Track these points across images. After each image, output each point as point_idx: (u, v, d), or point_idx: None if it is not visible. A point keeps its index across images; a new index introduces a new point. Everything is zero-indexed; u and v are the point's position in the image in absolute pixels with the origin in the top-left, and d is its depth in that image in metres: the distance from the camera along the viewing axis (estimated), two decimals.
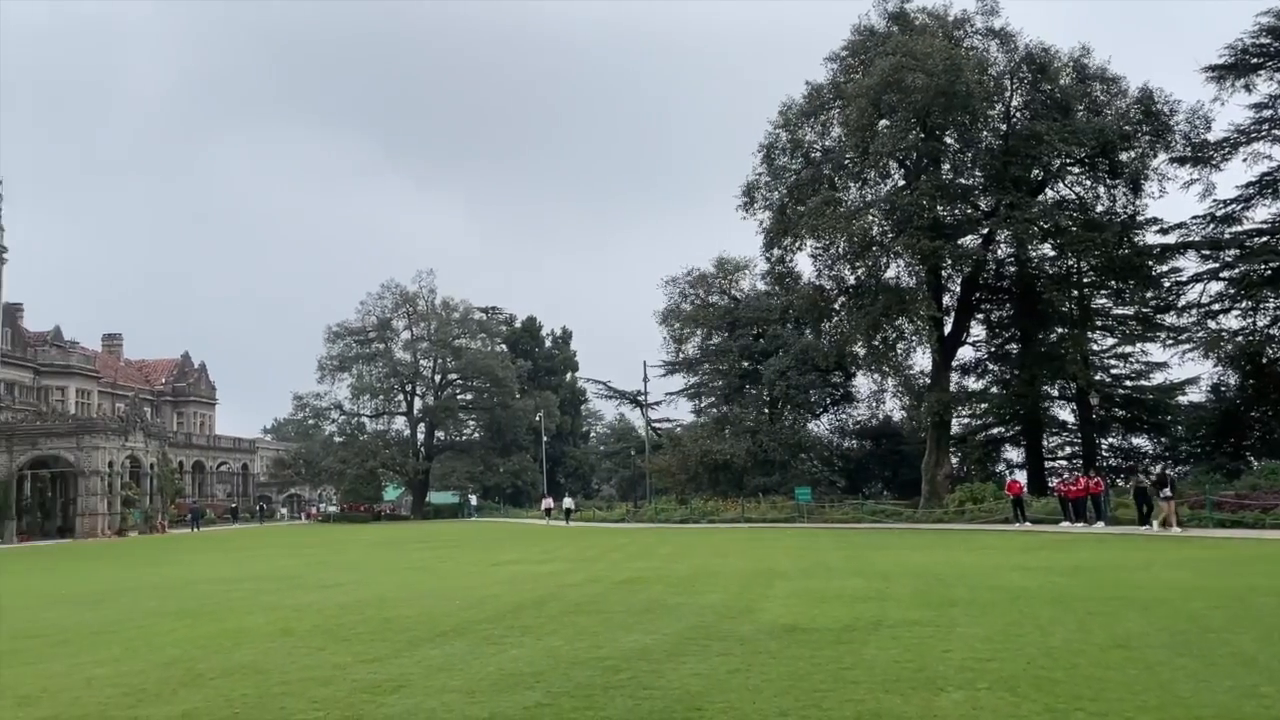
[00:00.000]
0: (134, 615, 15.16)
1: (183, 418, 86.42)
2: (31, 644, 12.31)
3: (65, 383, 68.11)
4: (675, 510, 48.87)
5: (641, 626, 12.15)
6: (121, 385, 79.73)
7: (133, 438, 52.65)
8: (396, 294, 75.81)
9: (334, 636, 12.11)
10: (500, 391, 74.08)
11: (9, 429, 48.70)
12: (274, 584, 20.16)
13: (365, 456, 70.99)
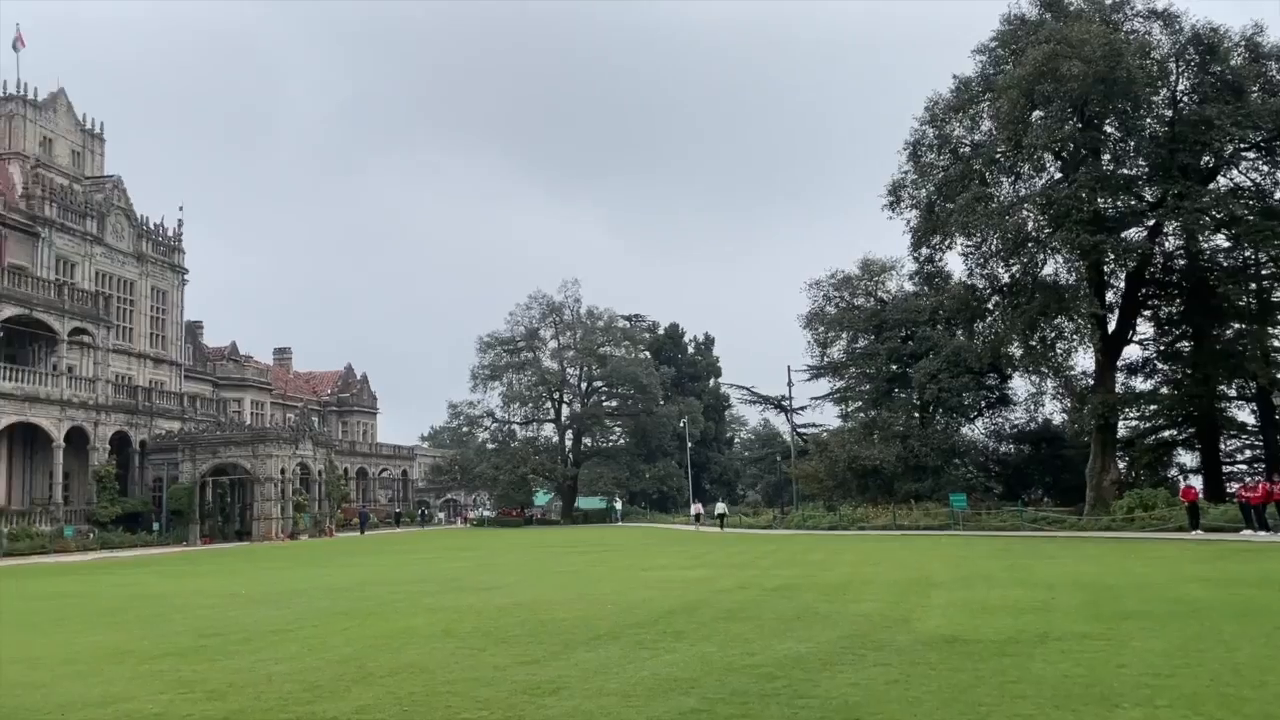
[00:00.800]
0: (308, 615, 16.00)
1: (347, 426, 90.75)
2: (216, 641, 13.14)
3: (241, 395, 72.71)
4: (823, 517, 48.16)
5: (794, 634, 12.04)
6: (291, 396, 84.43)
7: (302, 446, 55.66)
8: (543, 304, 77.67)
9: (493, 638, 12.48)
10: (644, 398, 74.79)
11: (193, 439, 52.28)
12: (435, 586, 20.93)
13: (516, 463, 72.88)
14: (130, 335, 57.02)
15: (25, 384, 44.12)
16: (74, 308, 47.86)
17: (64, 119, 61.75)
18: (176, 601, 19.00)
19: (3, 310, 43.04)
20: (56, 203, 52.13)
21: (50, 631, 14.85)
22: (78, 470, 47.63)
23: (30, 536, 41.23)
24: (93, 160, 63.54)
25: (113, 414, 49.45)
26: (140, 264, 58.44)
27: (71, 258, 52.77)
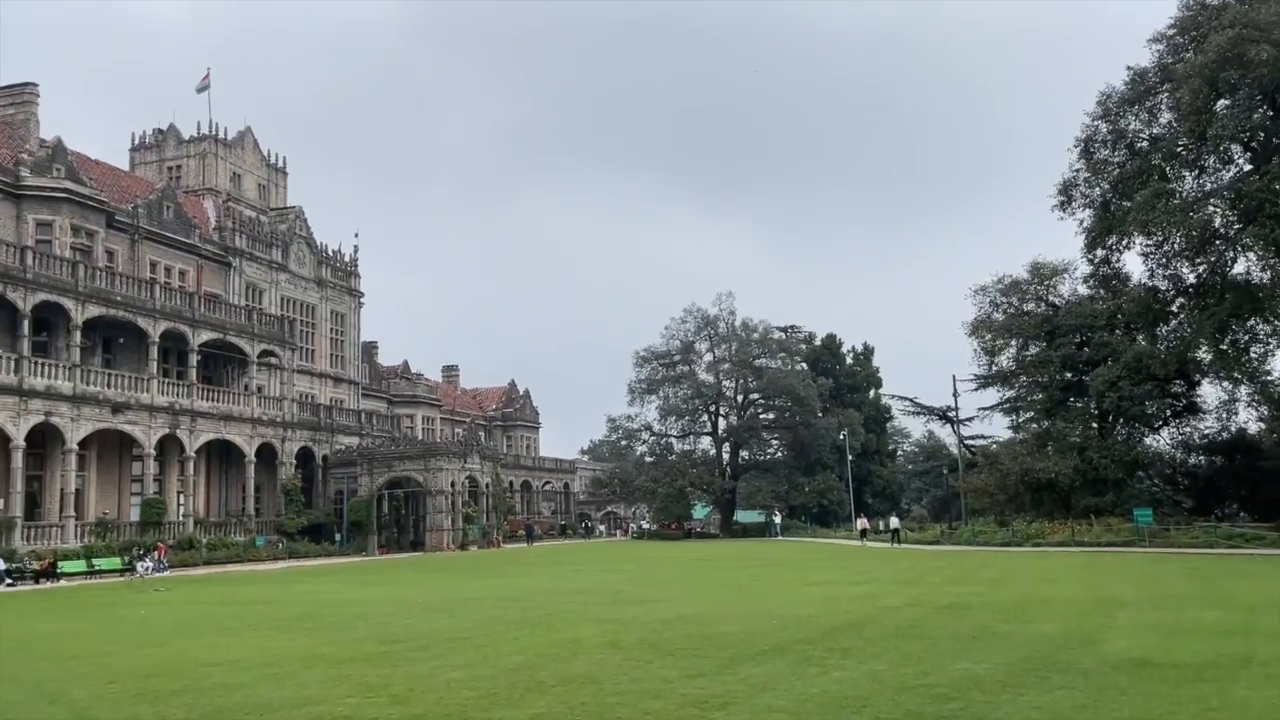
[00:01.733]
0: (481, 623, 16.55)
1: (511, 441, 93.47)
2: (397, 647, 13.74)
3: (413, 411, 76.04)
4: (994, 532, 46.24)
5: (970, 654, 11.61)
6: (459, 412, 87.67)
7: (470, 460, 57.68)
8: (698, 317, 77.87)
9: (659, 650, 12.57)
10: (802, 410, 73.83)
11: (370, 453, 55.00)
12: (599, 597, 21.26)
13: (674, 476, 73.23)
14: (312, 356, 60.54)
15: (221, 403, 47.50)
16: (262, 331, 51.26)
17: (251, 155, 66.36)
18: (359, 609, 19.99)
19: (201, 335, 46.54)
20: (246, 233, 56.01)
21: (248, 635, 15.88)
22: (267, 484, 50.86)
23: (226, 546, 44.31)
24: (276, 192, 68.01)
25: (298, 430, 52.59)
26: (320, 289, 62.05)
27: (259, 284, 56.55)
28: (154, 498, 42.78)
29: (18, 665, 13.02)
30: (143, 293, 43.59)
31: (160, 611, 20.72)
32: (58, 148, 43.52)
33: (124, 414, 41.17)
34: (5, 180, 41.10)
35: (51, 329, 40.27)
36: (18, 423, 36.27)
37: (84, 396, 39.19)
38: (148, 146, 63.92)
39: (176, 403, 44.10)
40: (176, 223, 50.76)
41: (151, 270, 47.96)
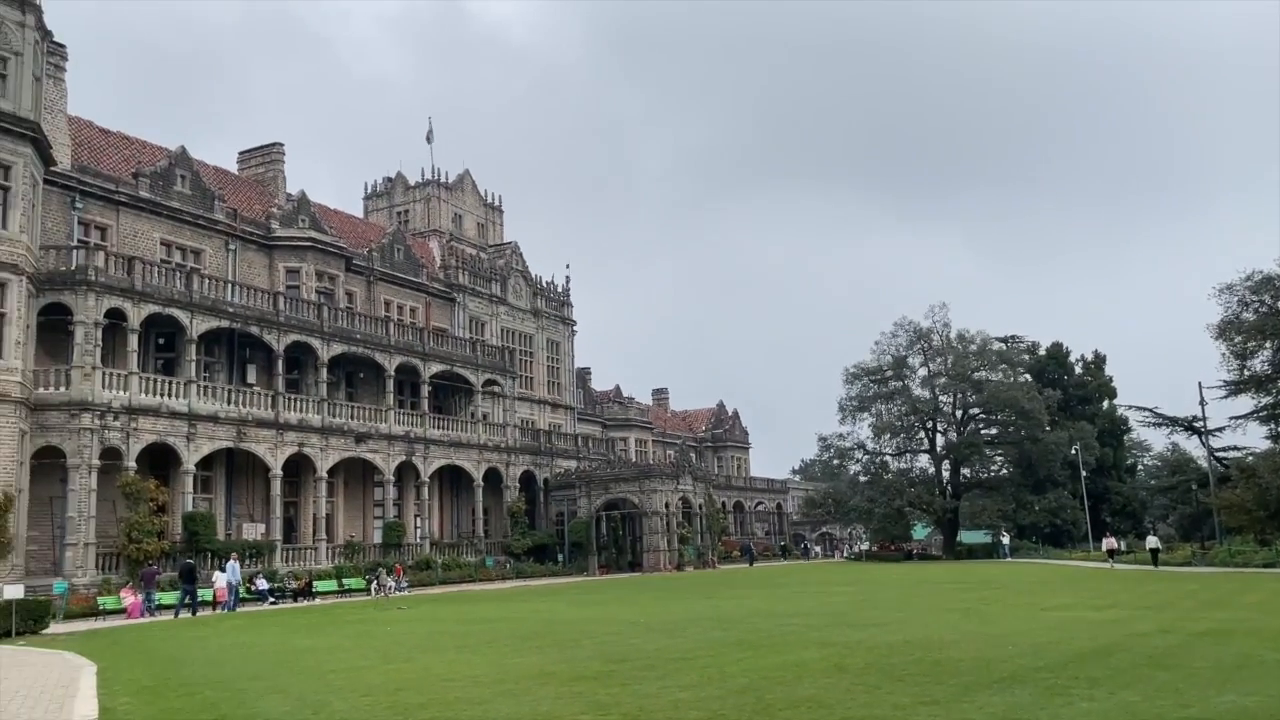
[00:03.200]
0: (704, 644, 16.64)
1: (721, 461, 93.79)
2: (624, 667, 14.02)
3: (626, 434, 77.80)
4: (1255, 552, 42.06)
5: (1235, 685, 10.62)
6: (670, 434, 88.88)
7: (683, 481, 58.34)
8: (910, 331, 75.51)
9: (888, 675, 12.22)
10: (1028, 424, 69.97)
11: (588, 476, 56.67)
12: (821, 619, 20.92)
13: (891, 495, 71.13)
14: (531, 384, 63.16)
15: (450, 431, 50.37)
16: (485, 361, 54.05)
17: (470, 196, 70.33)
18: (584, 628, 20.57)
19: (431, 367, 49.58)
20: (467, 270, 59.29)
21: (484, 652, 16.66)
22: (494, 506, 53.36)
23: (459, 566, 46.83)
24: (493, 230, 71.70)
25: (520, 455, 54.93)
26: (536, 319, 64.76)
27: (481, 317, 59.64)
28: (394, 521, 45.76)
29: (285, 678, 14.22)
30: (379, 330, 46.94)
31: (404, 629, 22.09)
32: (302, 201, 47.66)
33: (366, 443, 44.36)
34: (259, 233, 45.39)
35: (302, 367, 43.99)
36: (276, 454, 39.79)
37: (331, 428, 42.53)
38: (378, 194, 68.99)
39: (411, 431, 47.09)
40: (406, 263, 54.37)
41: (386, 308, 51.56)
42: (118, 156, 41.77)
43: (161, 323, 37.05)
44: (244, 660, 16.86)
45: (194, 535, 35.40)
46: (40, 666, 16.61)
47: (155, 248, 40.26)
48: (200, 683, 13.91)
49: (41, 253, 33.41)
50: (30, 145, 32.16)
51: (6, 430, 30.27)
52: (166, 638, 22.12)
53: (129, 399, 34.35)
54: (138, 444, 34.44)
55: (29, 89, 32.42)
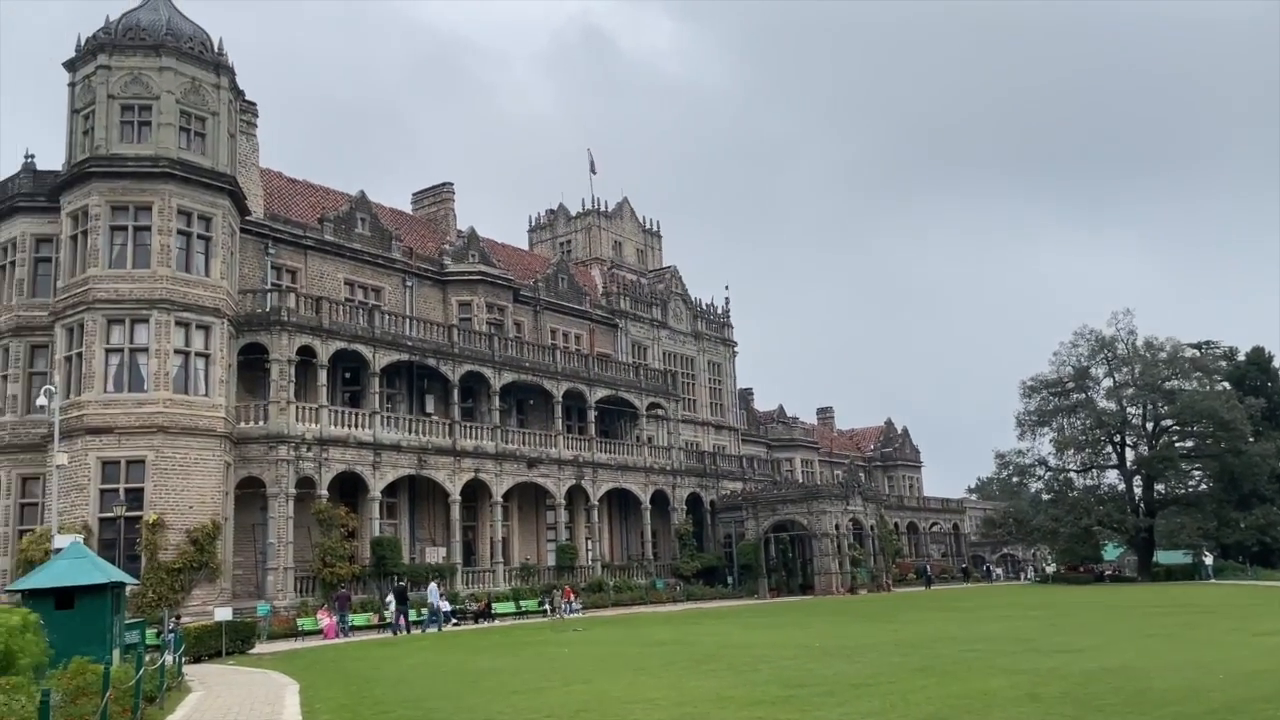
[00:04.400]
0: (883, 670, 16.19)
1: (892, 481, 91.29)
2: (802, 692, 13.81)
3: (791, 454, 76.90)
4: None
5: None
6: (836, 453, 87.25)
7: (853, 501, 57.11)
8: (1091, 340, 71.48)
9: (1086, 705, 11.56)
10: (1228, 435, 64.83)
11: (754, 498, 56.30)
12: (1008, 645, 20.00)
13: (1078, 514, 67.30)
14: (694, 405, 63.39)
15: (617, 454, 51.15)
16: (649, 385, 54.68)
17: (629, 223, 71.53)
18: (759, 651, 20.38)
19: (596, 392, 50.55)
20: (629, 296, 60.25)
21: (660, 675, 16.75)
22: (661, 529, 53.70)
23: (630, 588, 47.35)
24: (652, 255, 72.62)
25: (686, 477, 55.17)
26: (697, 341, 65.06)
27: (643, 342, 60.41)
28: (566, 544, 46.71)
29: (471, 698, 14.71)
30: (546, 358, 48.24)
31: (580, 650, 22.48)
32: (471, 237, 49.65)
33: (537, 468, 45.56)
34: (432, 269, 47.54)
35: (475, 395, 45.65)
36: (454, 480, 41.38)
37: (504, 454, 43.91)
38: (541, 226, 71.10)
39: (580, 455, 48.07)
40: (570, 292, 55.74)
41: (552, 336, 52.97)
42: (304, 204, 44.67)
43: (347, 358, 39.26)
44: (431, 680, 17.54)
45: (381, 559, 37.18)
46: (249, 685, 17.79)
47: (340, 287, 42.76)
48: (392, 701, 14.56)
49: (240, 296, 36.06)
50: (228, 198, 34.85)
51: (213, 462, 32.72)
52: (360, 658, 23.28)
53: (320, 431, 36.52)
54: (329, 473, 36.53)
55: (225, 145, 35.18)
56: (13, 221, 35.92)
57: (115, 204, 32.70)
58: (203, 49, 34.87)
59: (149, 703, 13.54)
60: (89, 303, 31.91)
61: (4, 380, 34.95)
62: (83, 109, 33.86)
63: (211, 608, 29.52)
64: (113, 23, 34.18)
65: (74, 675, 12.39)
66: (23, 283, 35.44)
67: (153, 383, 31.84)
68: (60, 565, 17.00)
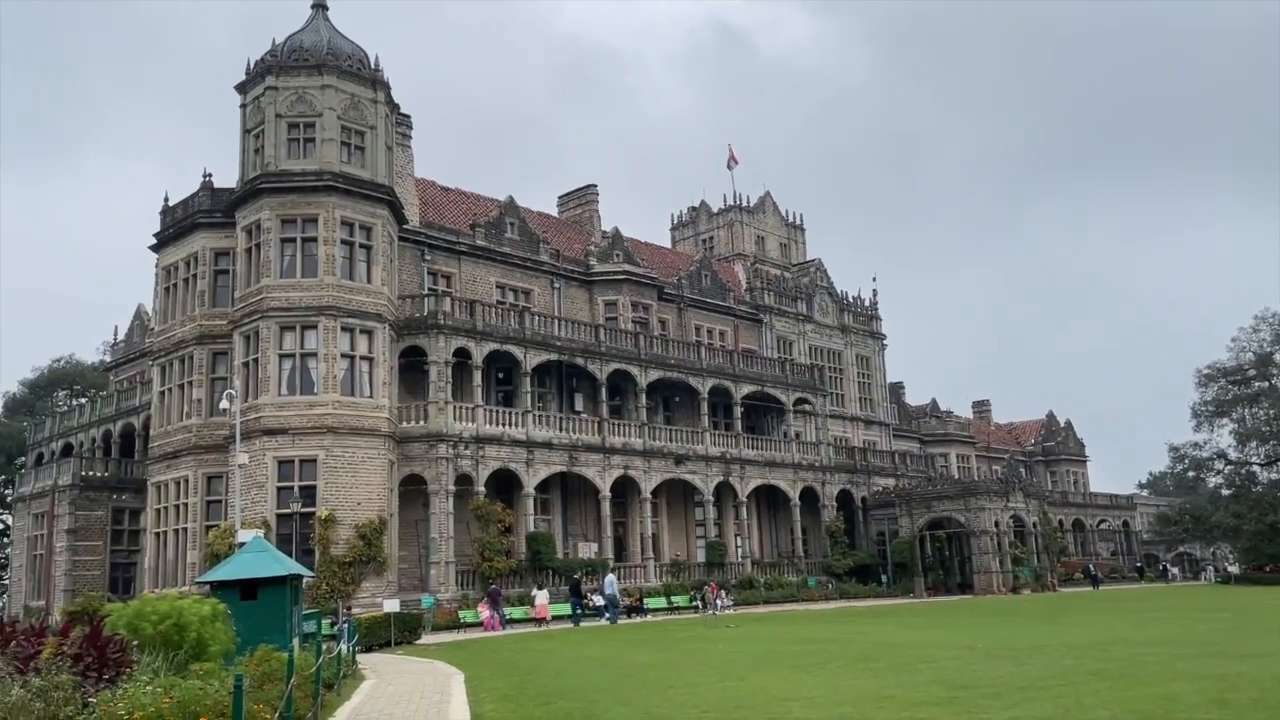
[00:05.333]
0: (1053, 672, 15.51)
1: (1055, 476, 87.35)
2: (966, 694, 13.37)
3: (946, 449, 74.55)
4: None
5: None
6: (994, 448, 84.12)
7: (1013, 498, 54.93)
8: (1274, 324, 66.52)
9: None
10: None
11: (907, 494, 54.90)
12: (1188, 648, 18.84)
13: (1262, 510, 62.78)
14: (842, 400, 62.28)
15: (764, 451, 50.81)
16: (795, 380, 54.08)
17: (771, 218, 70.93)
18: (918, 651, 19.86)
19: (742, 389, 50.34)
20: (773, 291, 59.73)
21: (816, 673, 16.54)
22: (812, 526, 53.01)
23: (781, 586, 46.95)
24: (796, 249, 71.76)
25: (835, 474, 54.28)
26: (844, 335, 63.91)
27: (788, 336, 59.77)
28: (715, 540, 46.71)
29: (628, 691, 14.90)
30: (691, 355, 48.36)
31: (734, 647, 22.44)
32: (615, 237, 50.25)
33: (685, 464, 45.73)
34: (579, 270, 48.36)
35: (623, 393, 46.19)
36: (604, 476, 42.00)
37: (652, 451, 44.27)
38: (683, 224, 71.32)
39: (727, 452, 47.99)
40: (713, 288, 55.70)
41: (696, 333, 53.05)
42: (456, 211, 46.21)
43: (500, 358, 40.39)
44: (589, 673, 17.86)
45: (537, 554, 38.11)
46: (418, 674, 18.54)
47: (491, 290, 44.03)
48: (553, 693, 14.90)
49: (399, 302, 37.60)
50: (386, 207, 36.41)
51: (379, 461, 34.25)
52: (519, 650, 23.93)
53: (476, 429, 37.71)
54: (485, 470, 37.69)
55: (382, 158, 36.77)
56: (194, 237, 38.51)
57: (284, 217, 34.65)
58: (360, 66, 36.53)
59: (327, 689, 14.28)
60: (263, 311, 33.93)
61: (190, 386, 37.51)
62: (253, 129, 36.02)
63: (379, 600, 30.90)
64: (278, 45, 36.21)
65: (260, 662, 13.18)
66: (204, 294, 37.93)
67: (322, 385, 33.60)
68: (244, 558, 18.12)
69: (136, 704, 8.75)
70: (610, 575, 37.62)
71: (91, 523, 42.89)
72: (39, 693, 8.68)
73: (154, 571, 37.38)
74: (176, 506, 36.99)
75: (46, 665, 9.80)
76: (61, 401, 66.48)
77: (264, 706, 10.22)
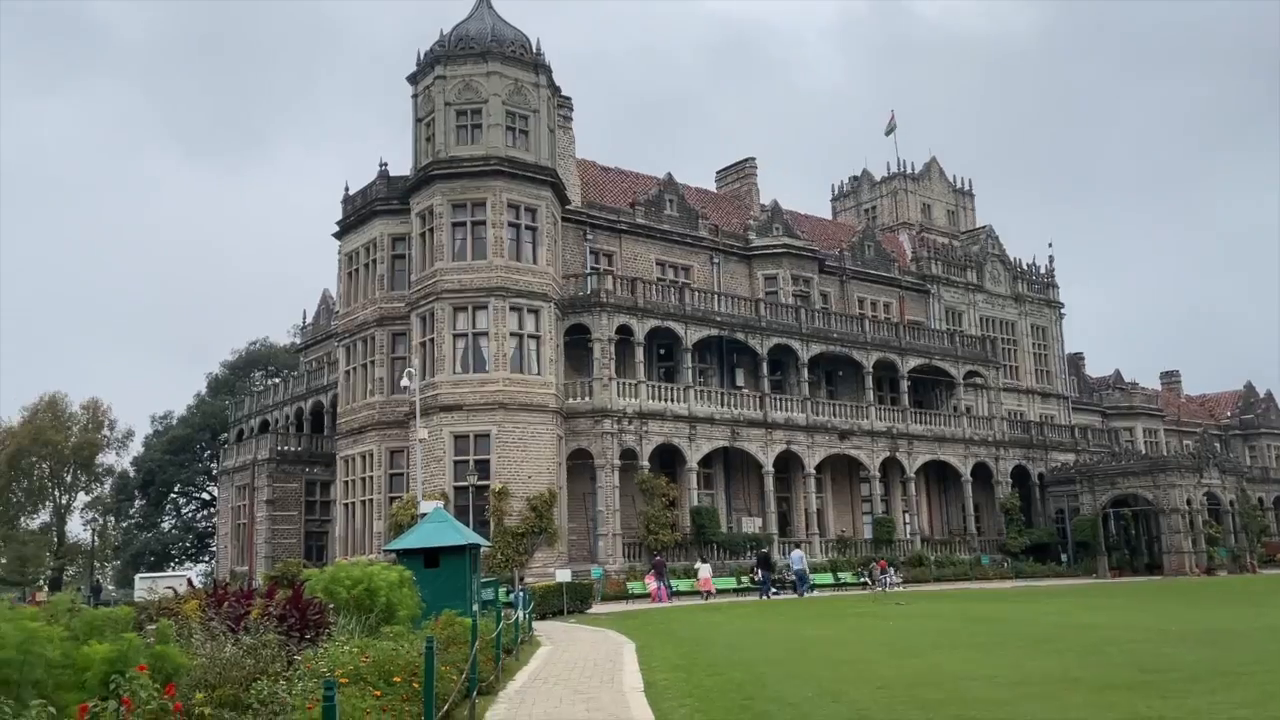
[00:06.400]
0: (1258, 657, 14.50)
1: (1254, 451, 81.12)
2: (1160, 678, 12.66)
3: (1131, 423, 70.38)
4: None
5: None
6: (1185, 422, 78.90)
7: (1207, 474, 51.42)
8: None
9: None
10: None
11: (1088, 470, 52.19)
12: None
13: None
14: (1016, 373, 59.72)
15: (933, 425, 49.36)
16: (965, 353, 52.18)
17: (937, 184, 68.46)
18: (1104, 633, 18.94)
19: (908, 362, 49.01)
20: (940, 260, 57.75)
21: (996, 652, 16.03)
22: (984, 503, 51.20)
23: (953, 564, 45.63)
24: (964, 216, 69.04)
25: (1009, 449, 52.19)
26: (1018, 304, 61.19)
27: (957, 307, 57.72)
28: (883, 517, 45.83)
29: (800, 665, 14.85)
30: (854, 328, 47.43)
31: (905, 624, 22.00)
32: (774, 210, 49.70)
33: (849, 440, 45.00)
34: (738, 245, 48.13)
35: (784, 368, 45.80)
36: (766, 451, 41.84)
37: (815, 426, 43.76)
38: (845, 194, 69.79)
39: (893, 427, 46.92)
40: (877, 259, 54.35)
41: (859, 306, 51.94)
42: (616, 190, 46.76)
43: (661, 335, 40.75)
44: (759, 646, 17.89)
45: (701, 528, 38.40)
46: (591, 642, 19.05)
47: (651, 267, 44.41)
48: (724, 664, 15.01)
49: (564, 281, 38.45)
50: (549, 189, 37.23)
51: (547, 436, 35.25)
52: (687, 621, 24.20)
53: (639, 405, 38.24)
54: (649, 445, 38.19)
55: (545, 141, 37.57)
56: (372, 224, 40.47)
57: (455, 202, 35.97)
58: (523, 51, 37.39)
59: (506, 654, 14.87)
60: (437, 293, 35.38)
61: (372, 365, 39.57)
62: (424, 117, 37.47)
63: (551, 569, 31.91)
64: (445, 36, 37.47)
65: (445, 626, 13.85)
66: (383, 278, 39.85)
67: (493, 363, 34.82)
68: (426, 528, 19.02)
69: (337, 662, 9.34)
70: (798, 551, 38.10)
71: (287, 494, 46.00)
72: (249, 650, 9.38)
73: (344, 540, 39.77)
74: (362, 479, 39.17)
75: (255, 625, 10.57)
76: (258, 381, 71.37)
77: (450, 668, 10.73)
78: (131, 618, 8.45)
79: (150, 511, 69.78)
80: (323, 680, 7.07)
